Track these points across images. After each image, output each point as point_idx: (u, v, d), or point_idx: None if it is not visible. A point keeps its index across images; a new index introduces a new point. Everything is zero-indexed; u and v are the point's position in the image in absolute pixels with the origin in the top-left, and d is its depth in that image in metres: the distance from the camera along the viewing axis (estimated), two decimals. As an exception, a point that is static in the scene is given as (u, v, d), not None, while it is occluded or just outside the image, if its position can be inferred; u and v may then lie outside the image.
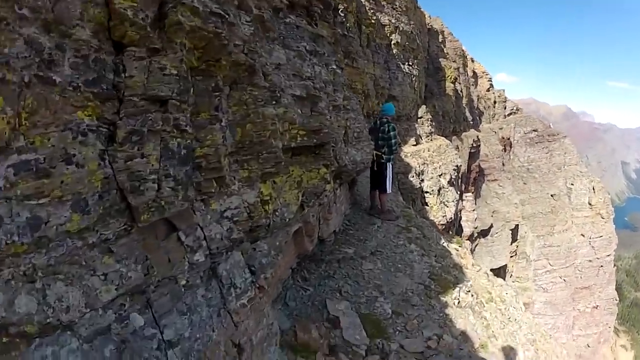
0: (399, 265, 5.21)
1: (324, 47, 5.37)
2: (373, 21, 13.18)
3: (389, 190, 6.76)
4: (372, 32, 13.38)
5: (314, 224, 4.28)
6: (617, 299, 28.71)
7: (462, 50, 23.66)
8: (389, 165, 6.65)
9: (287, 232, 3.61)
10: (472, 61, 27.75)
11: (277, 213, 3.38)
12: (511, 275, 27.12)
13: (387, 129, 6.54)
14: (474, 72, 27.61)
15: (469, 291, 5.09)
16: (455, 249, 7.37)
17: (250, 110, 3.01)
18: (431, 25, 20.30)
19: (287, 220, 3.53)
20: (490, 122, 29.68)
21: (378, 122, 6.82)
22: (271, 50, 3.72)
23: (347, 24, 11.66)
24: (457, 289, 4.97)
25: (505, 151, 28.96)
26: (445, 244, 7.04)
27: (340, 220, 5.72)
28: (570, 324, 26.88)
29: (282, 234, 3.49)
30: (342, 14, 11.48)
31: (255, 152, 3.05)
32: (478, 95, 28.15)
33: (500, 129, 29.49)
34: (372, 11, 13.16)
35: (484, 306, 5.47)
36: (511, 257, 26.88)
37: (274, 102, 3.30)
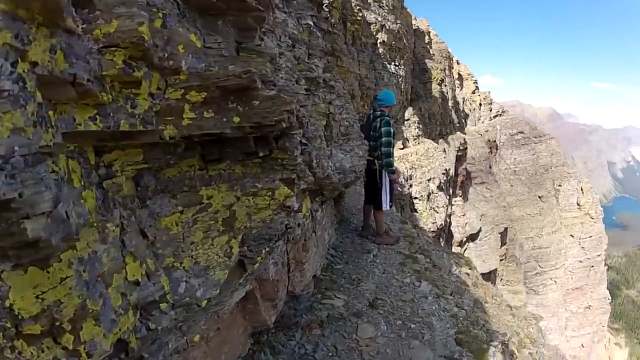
0: (412, 325, 3.53)
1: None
2: (359, 18, 12.25)
3: (385, 206, 5.06)
4: (358, 29, 12.46)
5: (277, 277, 2.69)
6: (609, 298, 28.52)
7: (448, 52, 23.06)
8: (385, 174, 4.93)
9: (217, 314, 2.16)
10: (458, 63, 27.28)
11: (165, 305, 1.69)
12: (501, 279, 26.62)
13: (378, 125, 4.77)
14: (459, 74, 27.14)
15: (503, 351, 3.88)
16: (467, 273, 6.23)
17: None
18: (417, 26, 19.61)
19: (205, 302, 1.88)
20: (475, 125, 29.25)
21: (371, 115, 5.01)
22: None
23: (332, 20, 10.60)
24: (491, 349, 3.73)
25: (491, 153, 28.52)
26: (457, 272, 5.87)
27: (323, 255, 4.01)
28: (563, 325, 26.54)
29: (203, 322, 2.06)
30: (327, 9, 10.44)
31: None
32: (463, 98, 27.67)
33: (486, 131, 29.09)
34: (357, 8, 12.24)
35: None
36: (501, 260, 26.36)
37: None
